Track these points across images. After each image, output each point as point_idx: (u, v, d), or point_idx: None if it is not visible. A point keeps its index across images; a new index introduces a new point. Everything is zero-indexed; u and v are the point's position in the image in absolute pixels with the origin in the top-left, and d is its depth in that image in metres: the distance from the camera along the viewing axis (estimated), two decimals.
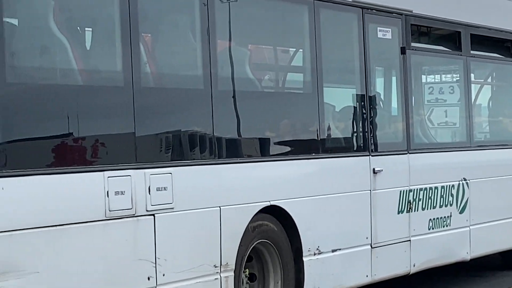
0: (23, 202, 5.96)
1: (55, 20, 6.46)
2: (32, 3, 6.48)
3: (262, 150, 8.22)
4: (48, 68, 6.54)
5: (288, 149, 8.50)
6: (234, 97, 7.80)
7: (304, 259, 8.28)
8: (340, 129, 9.28)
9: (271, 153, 8.29)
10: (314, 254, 8.40)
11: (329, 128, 8.97)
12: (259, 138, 8.20)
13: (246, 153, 8.00)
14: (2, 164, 5.84)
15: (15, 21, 6.25)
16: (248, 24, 8.39)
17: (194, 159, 7.35)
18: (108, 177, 6.51)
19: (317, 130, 8.72)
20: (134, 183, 6.70)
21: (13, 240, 5.87)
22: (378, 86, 9.87)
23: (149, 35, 7.30)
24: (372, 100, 9.46)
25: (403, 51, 9.89)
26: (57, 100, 6.42)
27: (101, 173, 6.48)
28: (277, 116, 8.46)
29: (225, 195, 7.53)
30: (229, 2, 7.71)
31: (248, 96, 8.17)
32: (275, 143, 8.35)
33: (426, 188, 10.07)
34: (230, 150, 7.77)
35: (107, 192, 6.49)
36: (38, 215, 6.05)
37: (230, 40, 7.91)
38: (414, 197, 9.85)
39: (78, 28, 6.91)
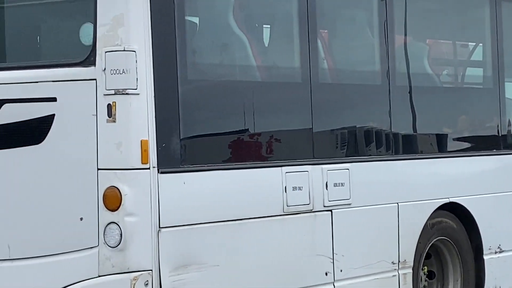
0: (203, 196, 6.08)
1: (235, 17, 6.55)
2: (213, 1, 6.60)
3: (440, 146, 8.13)
4: (228, 65, 6.66)
5: (467, 145, 8.38)
6: (412, 92, 7.72)
7: (485, 257, 8.13)
8: None
9: (449, 149, 8.18)
10: (496, 252, 8.23)
11: (510, 124, 8.76)
12: (437, 134, 8.11)
13: (423, 149, 7.94)
14: (183, 159, 5.98)
15: (196, 20, 6.39)
16: (426, 19, 8.31)
17: (371, 155, 7.34)
18: (286, 172, 6.56)
19: (497, 126, 8.55)
20: (312, 178, 6.72)
21: (193, 233, 6.00)
22: None
23: (326, 31, 7.30)
24: None
25: None
26: (236, 96, 6.52)
27: (279, 168, 6.54)
28: (456, 112, 8.35)
29: (403, 191, 7.47)
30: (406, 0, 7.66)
31: (426, 91, 8.08)
32: (453, 139, 8.25)
33: None
34: (408, 146, 7.71)
35: (285, 187, 6.54)
36: (217, 210, 6.16)
37: (408, 35, 7.84)
38: None
39: (257, 25, 7.00)
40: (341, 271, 6.89)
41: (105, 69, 5.73)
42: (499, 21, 8.51)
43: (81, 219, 5.82)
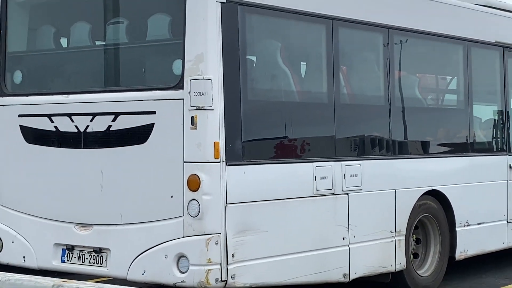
0: (257, 182, 6.05)
1: (281, 56, 6.52)
2: (265, 45, 6.54)
3: (425, 149, 7.96)
4: (276, 90, 6.62)
5: (445, 149, 8.20)
6: (405, 111, 7.59)
7: (457, 229, 7.96)
8: (484, 135, 8.84)
9: (432, 152, 8.02)
10: (464, 226, 8.06)
11: (476, 135, 8.59)
12: (423, 141, 7.94)
13: (413, 152, 7.78)
14: (243, 156, 5.95)
15: (253, 58, 6.36)
16: (417, 58, 8.15)
17: (376, 155, 7.20)
18: (316, 166, 6.48)
19: (467, 136, 8.37)
20: (334, 171, 6.63)
21: (250, 208, 5.97)
22: None
23: (345, 67, 7.18)
24: (509, 114, 8.95)
25: None
26: (281, 112, 6.49)
27: (311, 163, 6.46)
28: (437, 125, 8.20)
29: (399, 181, 7.32)
30: (401, 44, 7.52)
31: (417, 110, 7.94)
32: (435, 145, 8.10)
33: None
34: (402, 149, 7.57)
35: (315, 177, 6.45)
36: (267, 192, 6.12)
37: (403, 70, 7.71)
38: None
39: (297, 62, 6.93)
40: (354, 237, 6.79)
41: (190, 91, 5.72)
42: (469, 60, 8.34)
43: (172, 196, 5.82)
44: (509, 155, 8.78)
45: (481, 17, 8.67)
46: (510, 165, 8.73)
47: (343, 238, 6.72)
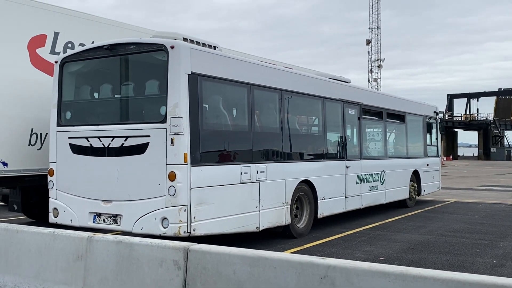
0: (208, 175, 6.01)
1: (222, 105, 6.53)
2: (213, 98, 6.52)
3: (302, 157, 8.04)
4: (219, 123, 6.58)
5: (312, 157, 8.33)
6: (291, 135, 7.69)
7: (318, 201, 8.12)
8: (334, 149, 9.02)
9: (305, 159, 8.11)
10: (322, 199, 8.24)
11: (329, 149, 8.77)
12: (300, 152, 8.01)
13: (295, 158, 7.85)
14: (200, 161, 5.90)
15: (206, 105, 6.34)
16: (298, 107, 8.24)
17: (274, 160, 7.25)
18: (241, 166, 6.52)
19: (323, 150, 8.55)
20: (251, 169, 6.67)
21: (204, 190, 5.94)
22: (349, 132, 9.57)
23: (258, 111, 7.27)
24: (346, 138, 9.23)
25: (359, 119, 9.65)
26: (222, 136, 6.46)
27: (239, 165, 6.49)
28: (308, 144, 8.32)
29: (287, 175, 7.43)
30: (288, 99, 7.63)
31: (296, 136, 8.01)
32: (307, 155, 8.20)
33: (368, 174, 9.76)
34: (289, 157, 7.63)
35: (241, 172, 6.49)
36: (214, 181, 6.09)
37: (289, 113, 7.81)
38: (363, 178, 9.56)
39: (231, 108, 6.94)
40: (262, 206, 6.86)
41: (170, 124, 5.69)
42: (324, 109, 8.55)
43: (159, 184, 5.75)
44: (346, 160, 9.05)
45: (331, 85, 8.92)
46: (346, 166, 8.98)
47: (256, 207, 6.77)
